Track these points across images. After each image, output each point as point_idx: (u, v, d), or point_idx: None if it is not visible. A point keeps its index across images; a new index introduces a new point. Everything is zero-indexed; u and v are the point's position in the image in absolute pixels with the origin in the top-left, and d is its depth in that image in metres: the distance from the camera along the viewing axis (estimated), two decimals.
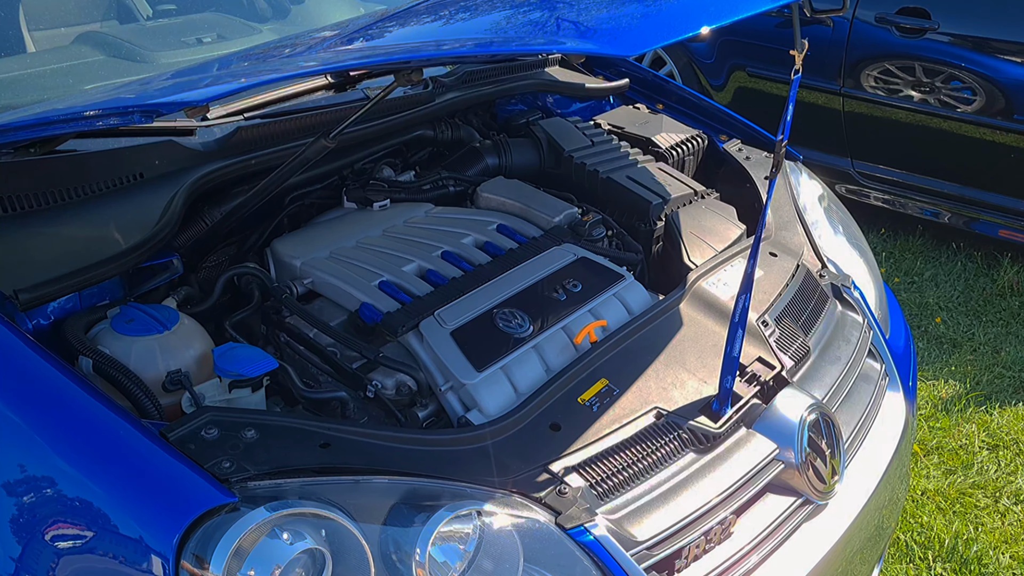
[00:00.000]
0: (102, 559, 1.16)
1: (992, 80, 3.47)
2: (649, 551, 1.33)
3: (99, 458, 1.18)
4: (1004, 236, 3.54)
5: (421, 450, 1.32)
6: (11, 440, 1.20)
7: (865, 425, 1.73)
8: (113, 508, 1.16)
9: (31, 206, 1.56)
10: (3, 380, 1.23)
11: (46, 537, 1.17)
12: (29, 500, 1.18)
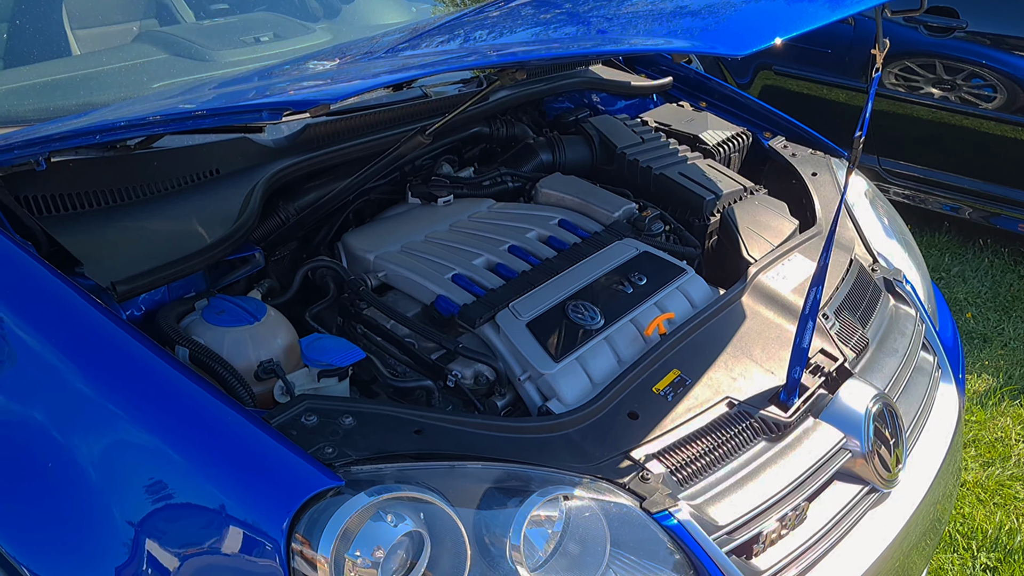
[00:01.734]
0: (213, 543, 1.20)
1: (1015, 78, 3.51)
2: (729, 535, 1.37)
3: (209, 445, 1.22)
4: None
5: (508, 437, 1.36)
6: (122, 429, 1.24)
7: (922, 416, 1.77)
8: (224, 493, 1.20)
9: (116, 201, 1.60)
10: (116, 373, 1.27)
11: (158, 524, 1.21)
12: (141, 487, 1.22)
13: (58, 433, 1.27)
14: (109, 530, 1.24)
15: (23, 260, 1.39)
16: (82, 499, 1.25)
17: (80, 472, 1.25)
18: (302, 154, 1.82)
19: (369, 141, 1.91)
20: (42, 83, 1.90)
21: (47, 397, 1.29)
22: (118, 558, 1.22)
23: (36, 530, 1.27)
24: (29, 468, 1.28)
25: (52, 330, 1.32)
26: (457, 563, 1.23)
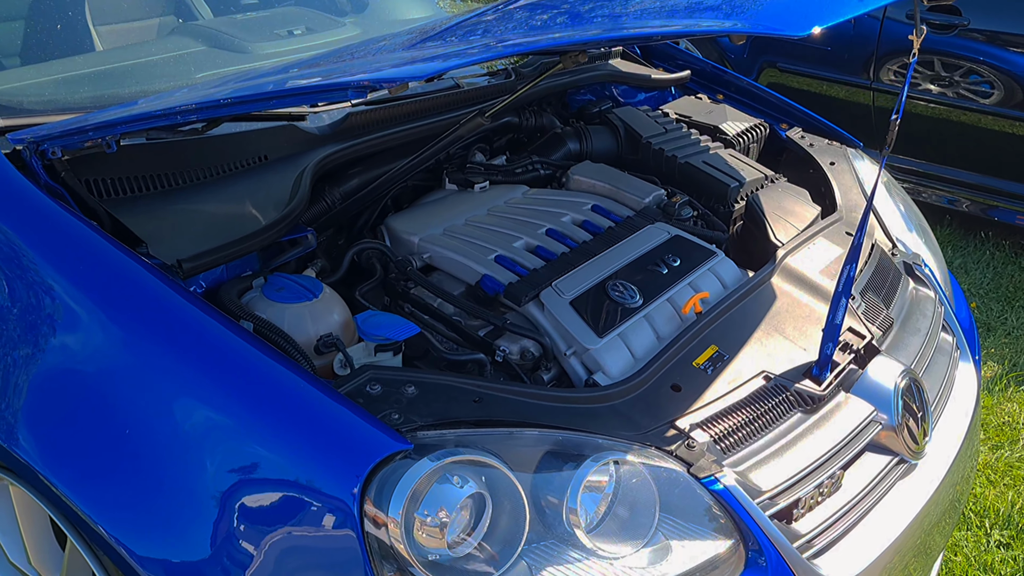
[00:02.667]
0: (288, 508, 1.25)
1: (1013, 74, 3.60)
2: (771, 500, 1.44)
3: (283, 411, 1.28)
4: (1022, 222, 3.68)
5: (561, 407, 1.42)
6: (199, 397, 1.30)
7: (945, 393, 1.84)
8: (298, 458, 1.26)
9: (171, 185, 1.66)
10: (191, 343, 1.33)
11: (235, 490, 1.26)
12: (219, 454, 1.28)
13: (134, 402, 1.33)
14: (186, 496, 1.29)
15: (94, 238, 1.44)
16: (160, 466, 1.30)
17: (159, 439, 1.30)
18: (345, 141, 1.88)
19: (407, 129, 1.97)
20: (89, 73, 1.95)
21: (122, 367, 1.35)
22: (196, 521, 1.28)
23: (114, 494, 1.32)
24: (109, 436, 1.33)
25: (125, 303, 1.38)
26: (516, 525, 1.29)
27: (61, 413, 1.38)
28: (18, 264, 1.48)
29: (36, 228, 1.49)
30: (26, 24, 2.03)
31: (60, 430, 1.37)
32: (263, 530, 1.26)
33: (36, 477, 1.39)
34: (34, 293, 1.45)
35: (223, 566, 1.27)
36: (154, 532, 1.30)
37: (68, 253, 1.45)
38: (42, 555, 1.57)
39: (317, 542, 1.25)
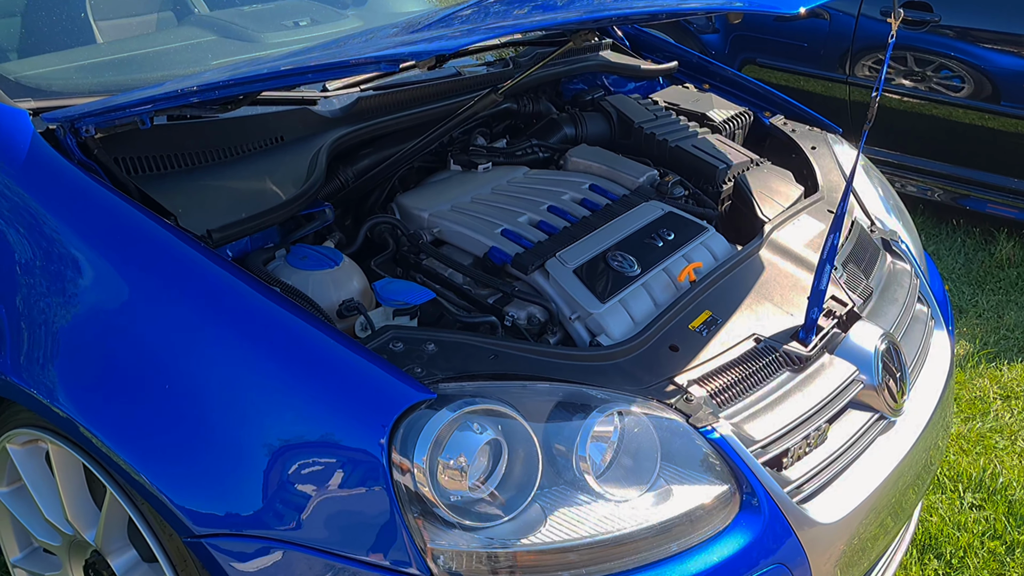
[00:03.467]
0: (321, 456, 1.35)
1: (981, 68, 3.75)
2: (763, 449, 1.55)
3: (315, 367, 1.38)
4: (992, 210, 3.83)
5: (570, 364, 1.53)
6: (238, 353, 1.40)
7: (921, 357, 1.97)
8: (330, 408, 1.36)
9: (194, 163, 1.76)
10: (227, 302, 1.43)
11: (270, 441, 1.36)
12: (254, 409, 1.38)
13: (174, 359, 1.42)
14: (224, 447, 1.39)
15: (129, 209, 1.54)
16: (199, 419, 1.40)
17: (199, 394, 1.40)
18: (355, 124, 1.98)
19: (413, 113, 2.07)
20: (111, 60, 2.04)
21: (160, 326, 1.44)
22: (235, 471, 1.38)
23: (152, 443, 1.41)
24: (150, 392, 1.42)
25: (163, 268, 1.48)
26: (530, 470, 1.40)
27: (102, 372, 1.47)
28: (54, 235, 1.57)
29: (72, 200, 1.58)
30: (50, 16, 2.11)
31: (102, 388, 1.46)
32: (297, 479, 1.36)
33: (78, 432, 1.48)
34: (71, 261, 1.54)
35: (267, 514, 1.37)
36: (194, 482, 1.40)
37: (104, 223, 1.54)
38: (78, 512, 1.66)
39: (349, 489, 1.35)
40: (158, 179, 1.71)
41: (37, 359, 1.54)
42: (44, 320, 1.55)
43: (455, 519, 1.35)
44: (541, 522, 1.38)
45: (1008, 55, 3.71)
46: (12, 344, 1.58)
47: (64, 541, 1.74)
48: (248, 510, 1.38)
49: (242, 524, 1.38)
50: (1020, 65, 3.68)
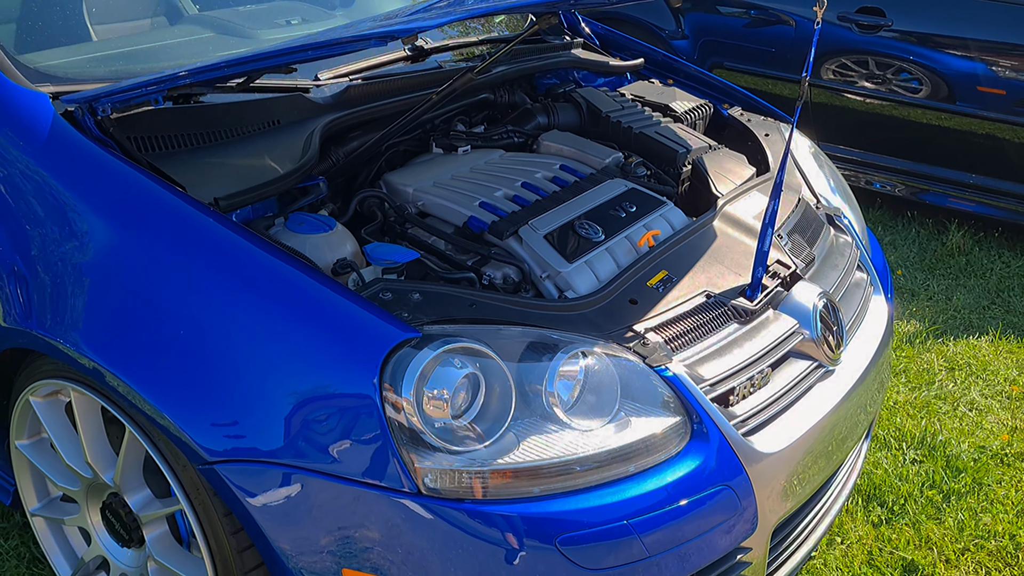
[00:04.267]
0: (319, 388, 1.54)
1: (937, 71, 3.99)
2: (712, 387, 1.75)
3: (316, 309, 1.57)
4: (952, 204, 4.06)
5: (539, 313, 1.73)
6: (247, 301, 1.59)
7: (859, 316, 2.18)
8: (328, 347, 1.55)
9: (199, 143, 1.95)
10: (238, 257, 1.62)
11: (277, 378, 1.55)
12: (260, 349, 1.57)
13: (187, 308, 1.61)
14: (231, 382, 1.58)
15: (144, 179, 1.72)
16: (211, 359, 1.59)
17: (210, 338, 1.59)
18: (345, 110, 2.17)
19: (397, 100, 2.27)
20: (121, 52, 2.23)
21: (175, 279, 1.63)
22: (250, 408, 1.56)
23: (170, 383, 1.60)
24: (165, 338, 1.61)
25: (178, 229, 1.66)
26: (504, 403, 1.59)
27: (123, 323, 1.66)
28: (74, 203, 1.75)
29: (92, 172, 1.76)
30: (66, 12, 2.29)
31: (124, 337, 1.65)
32: (299, 410, 1.55)
33: (102, 378, 1.66)
34: (91, 226, 1.73)
35: (271, 441, 1.55)
36: (207, 416, 1.58)
37: (122, 191, 1.73)
38: (98, 455, 1.83)
39: (346, 419, 1.54)
40: (166, 156, 1.90)
41: (62, 315, 1.72)
42: (68, 280, 1.73)
43: (439, 443, 1.54)
44: (515, 446, 1.57)
45: (959, 58, 3.95)
46: (38, 303, 1.76)
47: (83, 485, 1.91)
48: (255, 439, 1.57)
49: (249, 451, 1.57)
50: (970, 67, 3.91)
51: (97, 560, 2.00)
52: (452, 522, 1.53)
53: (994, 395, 2.97)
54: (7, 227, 1.84)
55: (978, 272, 3.82)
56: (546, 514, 1.55)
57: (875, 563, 2.26)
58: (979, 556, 2.29)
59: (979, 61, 3.89)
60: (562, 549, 1.55)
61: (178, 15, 2.61)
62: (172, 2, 2.70)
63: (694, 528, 1.66)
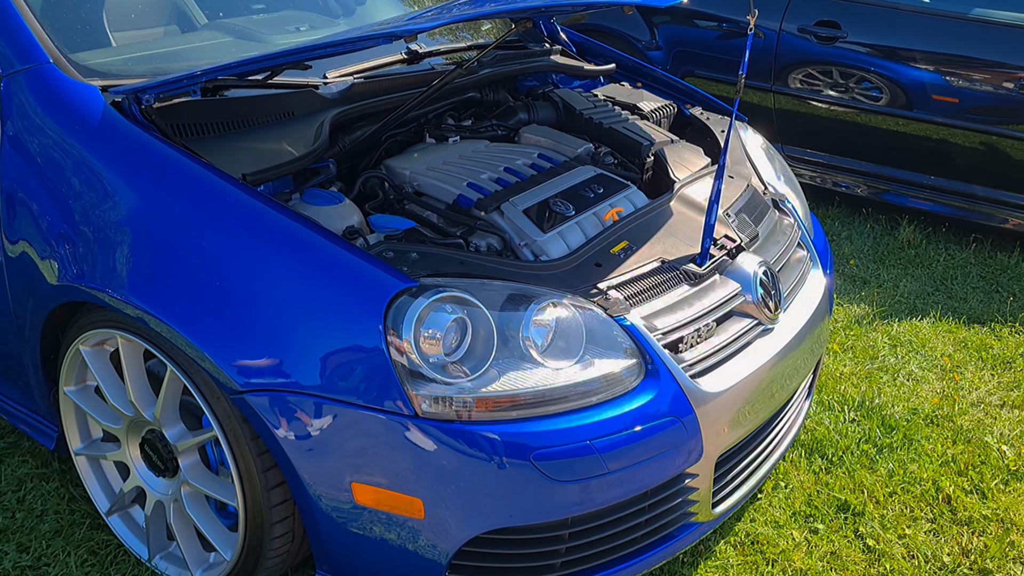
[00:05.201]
0: (335, 329, 1.85)
1: (892, 79, 4.34)
2: (664, 335, 2.06)
3: (330, 265, 1.89)
4: (911, 203, 4.40)
5: (517, 271, 2.04)
6: (273, 256, 1.90)
7: (798, 285, 2.50)
8: (341, 294, 1.86)
9: (224, 131, 2.26)
10: (265, 219, 1.93)
11: (298, 318, 1.86)
12: (287, 295, 1.88)
13: (222, 262, 1.92)
14: (262, 323, 1.89)
15: (184, 156, 2.03)
16: (243, 303, 1.90)
17: (243, 286, 1.90)
18: (350, 103, 2.48)
19: (395, 96, 2.58)
20: (156, 53, 2.54)
21: (211, 239, 1.94)
22: (269, 340, 1.87)
23: (207, 324, 1.91)
24: (204, 287, 1.92)
25: (215, 196, 1.98)
26: (487, 345, 1.90)
27: (166, 276, 1.97)
28: (123, 178, 2.06)
29: (138, 152, 2.08)
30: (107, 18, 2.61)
31: (167, 287, 1.96)
32: (315, 345, 1.86)
33: (146, 323, 1.97)
34: (139, 197, 2.04)
35: (294, 373, 1.86)
36: (238, 352, 1.89)
37: (165, 167, 2.04)
38: (140, 395, 2.14)
39: (357, 354, 1.85)
40: (198, 141, 2.21)
41: (111, 271, 2.03)
42: (116, 242, 2.04)
43: (434, 376, 1.85)
44: (496, 380, 1.88)
45: (915, 69, 4.30)
46: (89, 262, 2.06)
47: (125, 423, 2.21)
48: (278, 372, 1.88)
49: (273, 382, 1.87)
50: (924, 77, 4.26)
51: (133, 492, 2.30)
52: (444, 440, 1.84)
53: (931, 368, 3.30)
54: (56, 201, 2.15)
55: (925, 263, 4.16)
56: (522, 434, 1.87)
57: (813, 503, 2.58)
58: (904, 498, 2.61)
59: (934, 72, 4.24)
60: (536, 463, 1.86)
61: (199, 22, 2.92)
62: (184, 12, 3.02)
63: (647, 451, 1.97)
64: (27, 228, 2.19)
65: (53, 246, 2.14)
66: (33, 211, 2.18)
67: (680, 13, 5.05)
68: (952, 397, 3.10)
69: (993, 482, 2.68)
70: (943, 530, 2.51)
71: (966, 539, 2.47)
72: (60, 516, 2.44)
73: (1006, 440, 2.87)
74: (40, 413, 2.45)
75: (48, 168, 2.17)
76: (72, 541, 2.36)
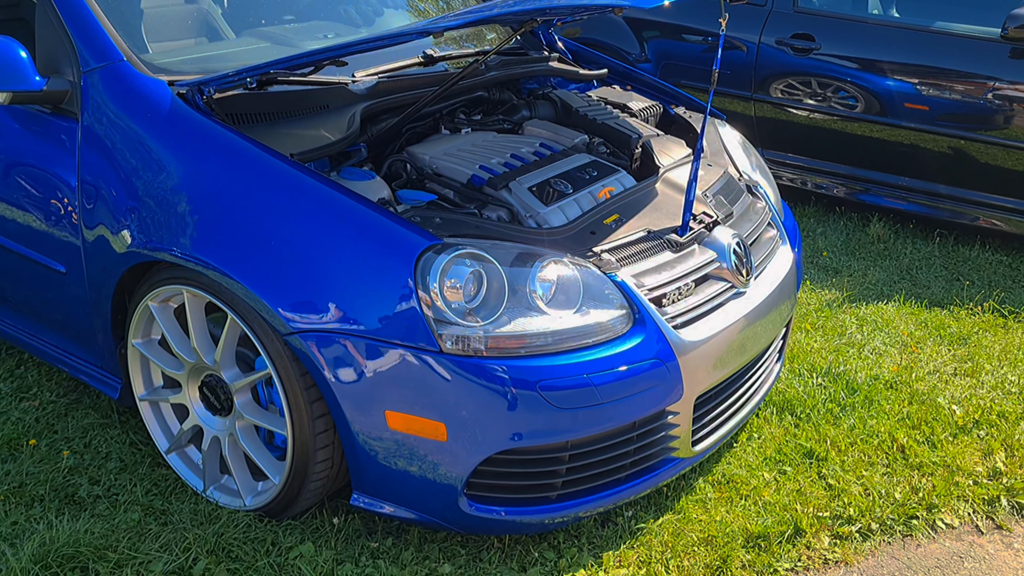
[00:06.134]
0: (373, 278, 2.21)
1: (863, 87, 4.73)
2: (649, 291, 2.43)
3: (369, 226, 2.25)
4: (887, 203, 4.78)
5: (524, 236, 2.41)
6: (320, 221, 2.26)
7: (768, 257, 2.87)
8: (378, 249, 2.23)
9: (271, 119, 2.63)
10: (315, 193, 2.29)
11: (342, 270, 2.22)
12: (332, 250, 2.24)
13: (277, 222, 2.28)
14: (310, 275, 2.24)
15: (242, 138, 2.40)
16: (295, 257, 2.26)
17: (296, 244, 2.26)
18: (376, 98, 2.86)
19: (415, 93, 2.95)
20: (208, 55, 2.92)
21: (269, 204, 2.30)
22: (317, 289, 2.23)
23: (264, 275, 2.26)
24: (262, 244, 2.28)
25: (271, 169, 2.34)
26: (500, 295, 2.25)
27: (229, 236, 2.32)
28: (189, 156, 2.43)
29: (204, 134, 2.44)
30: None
31: (231, 245, 2.32)
32: (356, 292, 2.21)
33: (209, 277, 2.33)
34: (205, 172, 2.40)
35: (337, 315, 2.21)
36: (290, 300, 2.25)
37: (227, 146, 2.41)
38: (202, 343, 2.49)
39: (392, 301, 2.20)
40: (248, 127, 2.58)
41: (179, 233, 2.38)
42: (183, 210, 2.39)
43: (455, 319, 2.20)
44: (507, 324, 2.24)
45: (881, 77, 4.69)
46: (157, 227, 2.42)
47: (187, 368, 2.56)
48: (323, 315, 2.23)
49: (319, 323, 2.23)
50: (894, 86, 4.64)
51: (190, 432, 2.64)
52: (464, 373, 2.19)
53: (893, 344, 3.66)
54: (124, 181, 2.51)
55: (893, 256, 4.53)
56: (530, 368, 2.22)
57: (783, 451, 2.93)
58: (863, 448, 2.97)
59: (903, 81, 4.62)
60: (541, 392, 2.21)
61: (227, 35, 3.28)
62: (213, 27, 3.39)
63: (634, 387, 2.32)
64: (102, 212, 2.55)
65: (123, 220, 2.49)
66: (107, 194, 2.54)
67: (667, 28, 5.45)
68: (911, 367, 3.46)
69: (943, 435, 3.03)
70: (896, 473, 2.86)
71: (916, 480, 2.83)
72: (123, 457, 2.79)
73: (956, 401, 3.23)
74: (106, 368, 2.79)
75: (120, 153, 2.53)
76: (136, 475, 2.70)
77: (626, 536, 2.54)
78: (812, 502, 2.71)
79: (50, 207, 2.68)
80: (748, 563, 2.49)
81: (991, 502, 2.76)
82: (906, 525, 2.66)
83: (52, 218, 2.69)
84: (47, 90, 2.59)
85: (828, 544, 2.58)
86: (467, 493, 2.31)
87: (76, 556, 2.33)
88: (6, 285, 3.00)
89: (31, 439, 2.86)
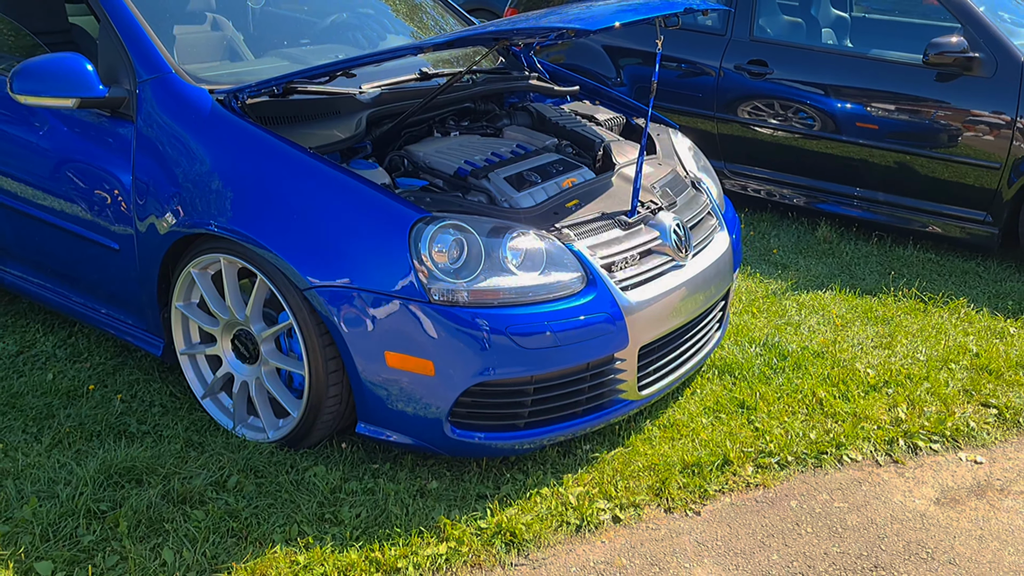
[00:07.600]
0: (375, 244, 2.77)
1: (812, 106, 5.32)
2: (601, 259, 2.98)
3: (372, 202, 2.81)
4: (844, 211, 5.33)
5: (499, 214, 2.97)
6: (335, 199, 2.83)
7: (707, 239, 3.43)
8: (379, 220, 2.79)
9: (289, 122, 3.20)
10: (330, 176, 2.86)
11: (352, 237, 2.78)
12: (343, 221, 2.80)
13: (300, 201, 2.84)
14: (325, 241, 2.80)
15: (272, 135, 2.97)
16: (313, 228, 2.82)
17: (314, 218, 2.82)
18: (380, 105, 3.43)
19: (411, 102, 3.53)
20: (238, 71, 3.49)
21: (294, 185, 2.87)
22: (331, 254, 2.79)
23: (290, 242, 2.82)
24: (288, 218, 2.84)
25: (295, 159, 2.91)
26: (478, 260, 2.81)
27: (261, 211, 2.88)
28: (228, 151, 2.99)
29: (240, 133, 3.01)
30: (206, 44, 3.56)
31: (260, 219, 2.87)
32: (360, 254, 2.77)
33: (241, 245, 2.89)
34: (240, 162, 2.97)
35: (346, 273, 2.77)
36: (309, 262, 2.80)
37: (261, 142, 2.98)
38: (235, 301, 3.04)
39: (392, 263, 2.76)
40: (277, 128, 3.15)
41: (218, 210, 2.94)
42: (221, 193, 2.96)
43: (441, 276, 2.76)
44: (484, 281, 2.80)
45: (833, 99, 5.27)
46: (198, 206, 2.98)
47: (222, 324, 3.11)
48: (336, 273, 2.78)
49: (332, 280, 2.78)
50: (844, 107, 5.22)
51: (223, 379, 3.19)
52: (449, 319, 2.74)
53: (826, 323, 4.21)
54: (170, 174, 3.07)
55: (837, 254, 5.10)
56: (501, 316, 2.78)
57: (720, 403, 3.47)
58: (788, 401, 3.51)
59: (856, 103, 5.20)
60: (510, 335, 2.76)
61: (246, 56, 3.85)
62: (236, 51, 3.97)
63: (586, 334, 2.87)
64: (152, 203, 3.10)
65: (170, 204, 3.05)
66: (156, 182, 3.10)
67: (640, 54, 6.05)
68: (837, 341, 4.01)
69: (856, 392, 3.58)
70: (813, 419, 3.40)
71: (829, 425, 3.37)
72: (165, 404, 3.33)
73: (871, 366, 3.77)
74: (151, 331, 3.34)
75: (168, 148, 3.09)
76: (176, 417, 3.24)
77: (583, 464, 3.08)
78: (740, 440, 3.24)
79: (106, 194, 3.24)
80: (684, 485, 3.02)
81: (891, 442, 3.31)
82: (817, 459, 3.20)
83: (107, 203, 3.24)
84: (109, 97, 3.16)
85: (751, 472, 3.11)
86: (451, 420, 2.85)
87: (132, 470, 2.86)
88: (66, 263, 3.55)
89: (90, 386, 3.41)
